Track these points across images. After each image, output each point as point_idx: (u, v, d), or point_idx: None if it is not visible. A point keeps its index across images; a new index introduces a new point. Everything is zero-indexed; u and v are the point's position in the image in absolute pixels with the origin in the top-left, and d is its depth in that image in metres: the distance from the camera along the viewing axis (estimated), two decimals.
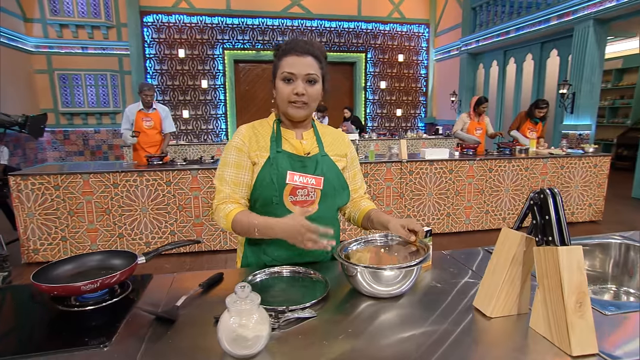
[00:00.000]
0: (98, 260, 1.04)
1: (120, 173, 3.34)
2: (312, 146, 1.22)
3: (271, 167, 1.14)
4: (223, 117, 9.38)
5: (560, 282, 0.75)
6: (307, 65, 1.11)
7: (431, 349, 0.76)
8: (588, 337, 0.74)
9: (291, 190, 1.14)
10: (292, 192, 1.15)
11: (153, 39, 8.77)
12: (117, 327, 0.84)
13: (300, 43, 1.12)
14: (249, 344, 0.72)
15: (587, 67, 5.57)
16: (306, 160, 1.18)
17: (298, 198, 1.15)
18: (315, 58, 1.12)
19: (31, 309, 0.97)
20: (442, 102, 10.03)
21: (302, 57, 1.10)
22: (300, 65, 1.10)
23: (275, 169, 1.14)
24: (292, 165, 1.16)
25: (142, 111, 4.14)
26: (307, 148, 1.21)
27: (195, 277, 1.12)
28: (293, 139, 1.20)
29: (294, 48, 1.11)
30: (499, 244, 0.90)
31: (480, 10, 8.11)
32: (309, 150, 1.21)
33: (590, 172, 4.31)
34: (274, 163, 1.14)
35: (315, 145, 1.22)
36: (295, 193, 1.15)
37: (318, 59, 1.13)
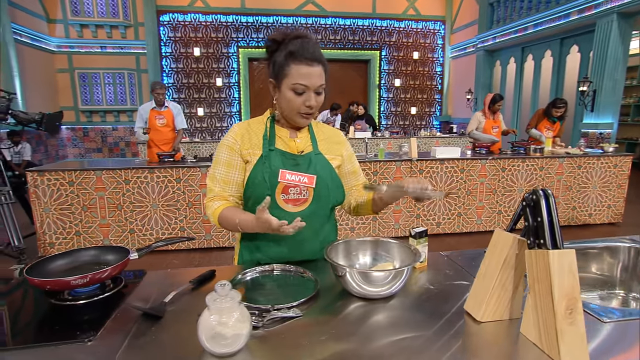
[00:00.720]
0: (92, 256, 1.06)
1: (132, 170, 3.40)
2: (306, 144, 1.21)
3: (263, 166, 1.13)
4: (237, 115, 9.45)
5: (551, 287, 0.72)
6: (318, 77, 1.08)
7: (416, 354, 0.74)
8: (579, 345, 0.70)
9: (283, 188, 1.14)
10: (284, 190, 1.14)
11: (169, 38, 8.91)
12: (105, 322, 0.85)
13: (310, 48, 1.07)
14: (228, 342, 0.72)
15: (610, 63, 5.36)
16: (299, 159, 1.17)
17: (290, 196, 1.15)
18: (322, 65, 1.09)
19: (25, 302, 0.99)
20: (457, 100, 9.86)
21: (313, 67, 1.06)
22: (313, 77, 1.07)
23: (267, 167, 1.13)
24: (285, 163, 1.15)
25: (155, 109, 4.28)
26: (301, 146, 1.20)
27: (188, 273, 1.12)
28: (287, 137, 1.19)
29: (304, 55, 1.05)
30: (491, 246, 0.87)
31: (497, 6, 7.92)
32: (303, 148, 1.20)
33: (610, 172, 4.16)
34: (267, 161, 1.13)
35: (309, 144, 1.21)
36: (288, 191, 1.14)
37: (324, 65, 1.10)
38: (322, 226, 1.23)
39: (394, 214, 3.95)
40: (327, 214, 1.23)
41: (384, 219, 3.92)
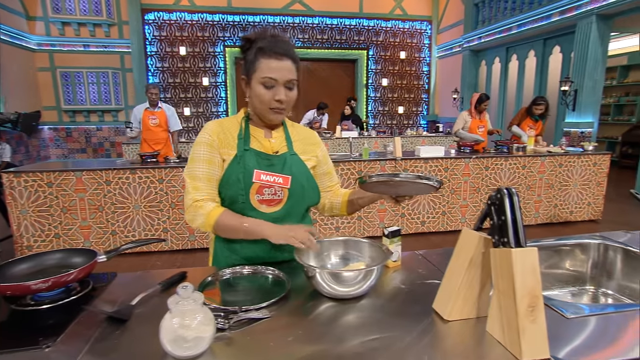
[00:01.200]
0: (58, 259, 1.03)
1: (113, 170, 3.35)
2: (281, 145, 1.20)
3: (238, 165, 1.12)
4: (224, 115, 9.38)
5: (513, 285, 0.72)
6: (288, 71, 1.07)
7: (384, 354, 0.74)
8: (540, 341, 0.71)
9: (258, 189, 1.13)
10: (258, 190, 1.13)
11: (154, 37, 8.79)
12: (67, 326, 0.83)
13: (279, 43, 1.07)
14: (189, 345, 0.71)
15: (590, 63, 5.47)
16: (274, 159, 1.16)
17: (265, 197, 1.14)
18: (293, 61, 1.09)
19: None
20: (444, 100, 9.94)
21: (282, 61, 1.06)
22: (282, 71, 1.06)
23: (242, 167, 1.12)
24: (259, 163, 1.14)
25: (149, 110, 4.39)
26: (276, 147, 1.19)
27: (159, 275, 1.10)
28: (262, 137, 1.18)
29: (273, 50, 1.06)
30: (458, 245, 0.87)
31: (482, 7, 8.01)
32: (278, 148, 1.19)
33: (590, 170, 4.24)
34: (241, 161, 1.12)
35: (284, 144, 1.20)
36: (262, 192, 1.13)
37: (295, 61, 1.10)
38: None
39: (379, 213, 3.96)
40: (301, 214, 1.22)
41: (369, 219, 3.93)
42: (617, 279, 1.30)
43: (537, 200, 4.20)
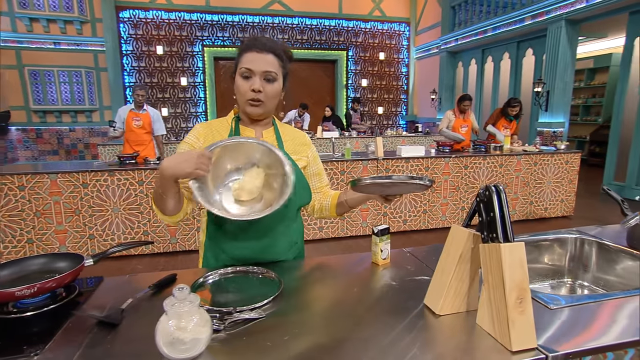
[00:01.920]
0: (41, 264, 1.00)
1: (90, 173, 3.25)
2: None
3: None
4: (203, 115, 9.25)
5: (502, 279, 0.75)
6: (266, 63, 1.09)
7: (378, 348, 0.75)
8: (527, 332, 0.74)
9: None
10: None
11: (130, 35, 8.58)
12: (55, 333, 0.81)
13: (262, 40, 1.10)
14: (186, 347, 0.70)
15: (560, 66, 5.70)
16: None
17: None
18: (276, 56, 1.11)
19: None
20: (422, 100, 10.13)
21: (262, 54, 1.08)
22: (259, 62, 1.08)
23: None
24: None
25: (133, 111, 4.29)
26: None
27: (148, 278, 1.08)
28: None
29: (254, 45, 1.09)
30: (448, 242, 0.90)
31: (459, 9, 8.21)
32: None
33: (562, 168, 4.42)
34: None
35: (275, 144, 1.21)
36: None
37: (279, 57, 1.12)
38: (288, 227, 1.23)
39: (361, 212, 4.00)
40: (293, 214, 1.23)
41: (351, 218, 3.96)
42: (592, 271, 1.37)
43: (514, 197, 4.34)
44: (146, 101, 4.35)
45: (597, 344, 0.77)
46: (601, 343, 0.78)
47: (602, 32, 7.03)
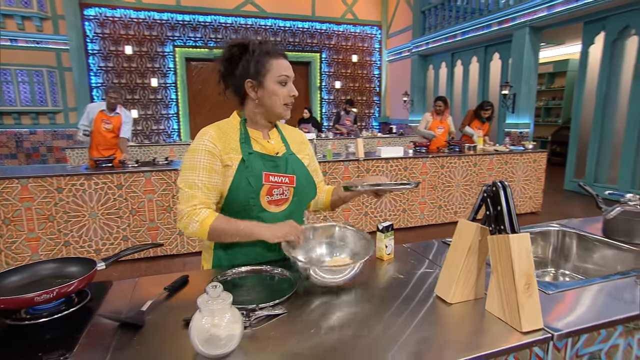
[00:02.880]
0: (52, 269, 0.98)
1: (65, 177, 3.12)
2: (280, 145, 1.24)
3: (246, 170, 1.12)
4: (175, 117, 9.04)
5: (512, 267, 0.82)
6: (292, 70, 1.16)
7: (398, 333, 0.80)
8: (535, 314, 0.82)
9: (268, 190, 1.15)
10: (268, 192, 1.15)
11: (96, 34, 8.26)
12: (78, 337, 0.80)
13: (275, 45, 1.16)
14: (222, 344, 0.72)
15: (525, 70, 6.02)
16: (278, 160, 1.19)
17: (274, 197, 1.17)
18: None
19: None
20: (395, 102, 10.37)
21: (286, 60, 1.15)
22: (290, 68, 1.15)
23: (250, 170, 1.12)
24: (266, 165, 1.16)
25: (104, 112, 3.99)
26: (276, 148, 1.22)
27: (158, 280, 1.08)
28: (261, 139, 1.20)
29: (277, 51, 1.14)
30: (456, 235, 0.96)
31: (429, 14, 8.48)
32: (278, 149, 1.22)
33: (530, 167, 4.68)
34: (249, 165, 1.13)
35: (282, 145, 1.24)
36: (272, 193, 1.16)
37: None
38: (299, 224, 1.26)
39: (343, 212, 4.06)
40: (303, 211, 1.28)
41: (333, 218, 4.02)
42: (572, 260, 1.49)
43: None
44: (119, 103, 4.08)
45: (592, 322, 0.86)
46: (595, 322, 0.86)
47: (561, 39, 7.48)
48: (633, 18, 4.90)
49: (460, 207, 4.49)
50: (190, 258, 3.49)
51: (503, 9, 6.30)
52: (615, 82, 5.28)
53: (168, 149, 6.58)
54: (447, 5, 7.80)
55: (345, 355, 0.74)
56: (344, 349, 0.76)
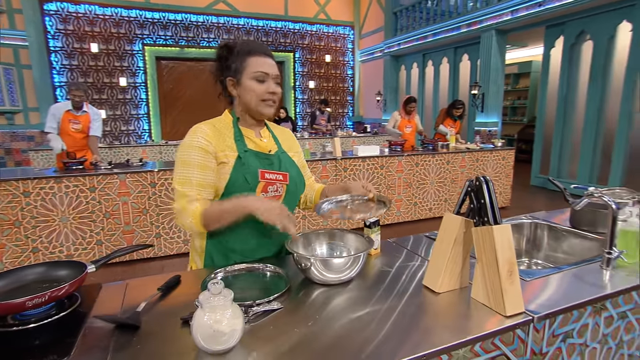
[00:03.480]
0: (38, 273, 0.95)
1: (33, 180, 2.98)
2: (272, 144, 1.26)
3: (243, 167, 1.13)
4: (145, 117, 8.79)
5: (496, 256, 0.88)
6: (274, 67, 1.16)
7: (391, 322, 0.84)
8: (517, 299, 0.88)
9: (263, 187, 1.16)
10: (264, 189, 1.17)
11: (58, 30, 7.90)
12: (73, 341, 0.79)
13: (261, 45, 1.16)
14: (225, 339, 0.73)
15: (493, 70, 6.28)
16: (272, 158, 1.21)
17: (269, 194, 1.18)
18: (274, 61, 1.17)
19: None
20: (368, 102, 10.52)
21: (269, 59, 1.14)
22: (270, 66, 1.14)
23: (247, 168, 1.14)
24: (261, 163, 1.17)
25: (71, 112, 3.74)
26: (269, 146, 1.24)
27: (149, 282, 1.08)
28: (254, 137, 1.22)
29: (258, 49, 1.14)
30: (442, 228, 1.01)
31: (400, 15, 8.67)
32: (270, 147, 1.24)
33: (500, 164, 4.89)
34: (245, 162, 1.14)
35: (273, 143, 1.26)
36: (267, 190, 1.17)
37: (276, 63, 1.18)
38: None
39: None
40: (294, 208, 1.30)
41: (312, 217, 4.05)
42: (544, 250, 1.59)
43: (460, 192, 4.71)
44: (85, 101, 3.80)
45: (566, 305, 0.93)
46: (569, 304, 0.94)
47: (524, 42, 7.85)
48: (588, 24, 5.22)
49: (435, 204, 4.63)
50: (168, 261, 3.42)
51: (471, 11, 6.54)
52: (574, 84, 5.60)
53: (140, 150, 6.39)
54: (418, 7, 8.00)
55: (345, 345, 0.77)
56: (342, 339, 0.79)
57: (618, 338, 1.07)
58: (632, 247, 1.18)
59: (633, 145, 4.90)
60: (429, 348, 0.76)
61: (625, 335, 1.09)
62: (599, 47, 5.16)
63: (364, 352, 0.74)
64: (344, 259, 1.02)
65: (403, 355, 0.73)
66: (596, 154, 5.34)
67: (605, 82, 5.15)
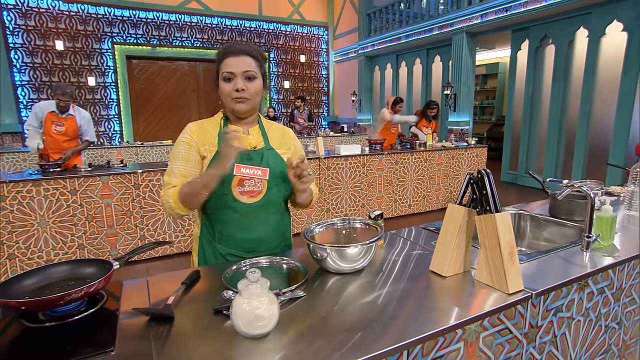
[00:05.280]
0: (65, 271, 0.97)
1: (9, 184, 2.87)
2: (258, 140, 1.30)
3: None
4: (117, 118, 8.52)
5: (498, 240, 0.98)
6: (245, 64, 1.20)
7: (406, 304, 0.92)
8: (518, 278, 0.98)
9: (239, 181, 1.23)
10: (239, 183, 1.23)
11: (18, 26, 7.51)
12: (113, 332, 0.82)
13: (237, 45, 1.23)
14: (264, 324, 0.79)
15: (464, 71, 6.56)
16: (252, 154, 1.26)
17: (246, 188, 1.24)
18: (252, 57, 1.22)
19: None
20: (343, 102, 10.66)
21: (239, 57, 1.20)
22: (239, 64, 1.19)
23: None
24: (239, 158, 1.22)
25: (55, 114, 3.62)
26: (254, 142, 1.29)
27: (168, 278, 1.11)
28: (240, 134, 1.26)
29: (230, 50, 1.21)
30: (446, 219, 1.11)
31: (374, 17, 8.85)
32: (255, 144, 1.29)
33: (473, 161, 5.13)
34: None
35: (261, 140, 1.31)
36: (243, 184, 1.23)
37: (255, 58, 1.23)
38: (279, 218, 1.34)
39: (306, 210, 4.16)
40: (281, 204, 1.33)
41: (297, 216, 4.11)
42: (527, 238, 1.73)
43: (437, 188, 4.92)
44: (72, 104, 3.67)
45: (556, 282, 1.05)
46: (559, 281, 1.05)
47: (492, 44, 8.23)
48: (551, 29, 5.57)
49: (414, 201, 4.80)
50: (152, 263, 3.38)
51: (442, 14, 6.80)
52: (539, 84, 5.95)
53: (115, 151, 6.21)
54: (391, 9, 8.21)
55: (371, 324, 0.84)
56: (367, 319, 0.86)
57: (597, 311, 1.21)
58: (606, 231, 1.32)
59: (591, 142, 5.28)
60: (446, 324, 0.84)
61: (603, 308, 1.23)
62: (560, 51, 5.51)
63: (390, 329, 0.82)
64: (358, 249, 1.09)
65: (427, 330, 0.82)
66: (560, 151, 5.70)
67: (566, 83, 5.52)
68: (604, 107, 5.07)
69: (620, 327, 1.30)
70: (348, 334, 0.80)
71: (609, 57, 4.95)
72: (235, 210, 1.23)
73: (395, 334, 0.80)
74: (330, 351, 0.75)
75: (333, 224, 1.31)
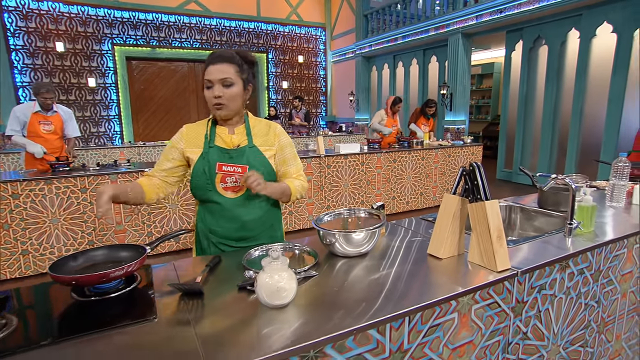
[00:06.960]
0: (104, 254, 1.09)
1: (22, 182, 2.98)
2: (242, 139, 1.40)
3: (203, 160, 1.35)
4: (117, 119, 8.60)
5: (488, 225, 1.11)
6: (221, 72, 1.29)
7: (409, 281, 1.05)
8: (505, 258, 1.11)
9: (221, 178, 1.35)
10: (222, 179, 1.35)
11: (19, 28, 7.59)
12: (152, 305, 0.94)
13: (217, 53, 1.32)
14: (285, 295, 0.91)
15: (460, 71, 6.70)
16: (233, 152, 1.36)
17: (228, 184, 1.36)
18: (230, 64, 1.31)
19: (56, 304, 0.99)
20: (341, 102, 10.79)
21: (218, 65, 1.30)
22: (216, 73, 1.29)
23: (206, 161, 1.34)
24: (221, 157, 1.36)
25: (40, 113, 3.60)
26: (237, 141, 1.39)
27: (192, 262, 1.24)
28: (225, 134, 1.39)
29: (210, 60, 1.31)
30: (442, 207, 1.23)
31: (371, 18, 8.98)
32: (238, 143, 1.39)
33: (470, 159, 5.27)
34: (206, 157, 1.35)
35: (245, 138, 1.40)
36: (225, 180, 1.36)
37: (236, 64, 1.32)
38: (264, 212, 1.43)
39: (307, 207, 4.29)
40: (264, 199, 1.42)
41: (298, 212, 4.23)
42: (517, 229, 1.86)
43: (434, 186, 5.05)
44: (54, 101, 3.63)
45: (539, 262, 1.18)
46: (542, 261, 1.18)
47: (488, 45, 8.38)
48: (544, 30, 5.72)
49: (412, 198, 4.93)
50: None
51: (438, 16, 6.94)
52: (533, 84, 6.10)
53: (117, 151, 6.31)
54: (388, 11, 8.34)
55: (377, 296, 0.97)
56: (374, 292, 0.99)
57: (578, 290, 1.34)
58: (587, 219, 1.45)
59: (583, 140, 5.44)
60: (443, 295, 0.97)
61: (583, 287, 1.36)
62: (553, 51, 5.66)
63: (393, 300, 0.95)
64: (363, 234, 1.22)
65: (424, 301, 0.94)
66: (553, 148, 5.85)
67: (559, 83, 5.67)
68: (595, 105, 5.23)
69: (599, 305, 1.43)
70: (357, 304, 0.93)
71: (600, 57, 5.11)
72: (220, 203, 1.37)
73: (398, 304, 0.93)
74: (343, 317, 0.87)
75: (340, 213, 1.43)
